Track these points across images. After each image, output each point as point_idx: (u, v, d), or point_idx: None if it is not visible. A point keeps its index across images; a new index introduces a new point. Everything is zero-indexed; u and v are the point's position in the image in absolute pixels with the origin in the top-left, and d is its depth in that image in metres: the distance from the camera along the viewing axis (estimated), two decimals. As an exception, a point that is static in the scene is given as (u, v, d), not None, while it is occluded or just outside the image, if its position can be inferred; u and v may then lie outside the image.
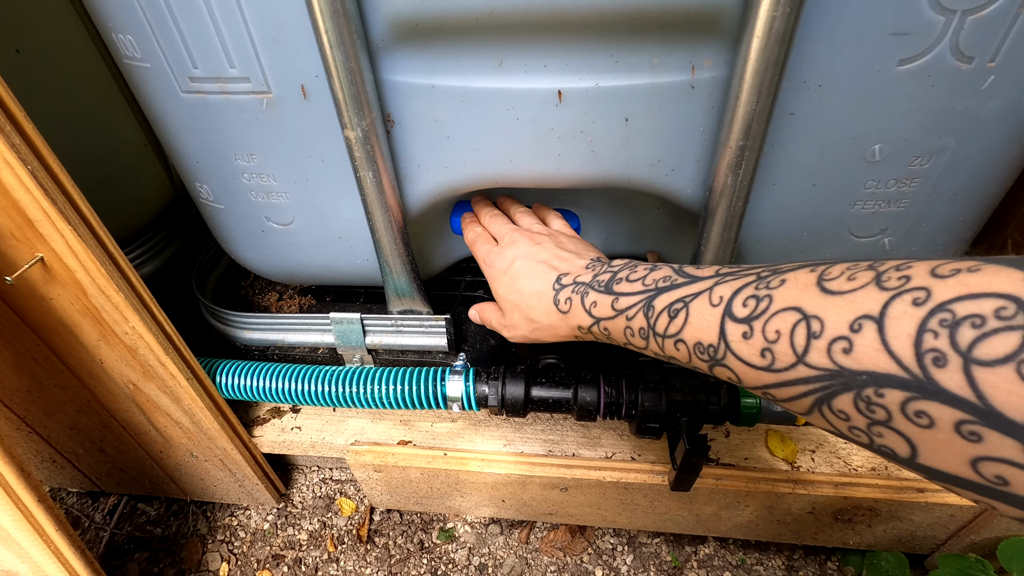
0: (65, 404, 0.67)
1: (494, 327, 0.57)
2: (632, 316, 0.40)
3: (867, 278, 0.27)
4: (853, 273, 0.28)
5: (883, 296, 0.25)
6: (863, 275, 0.27)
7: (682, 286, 0.37)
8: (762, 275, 0.33)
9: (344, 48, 0.44)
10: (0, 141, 0.41)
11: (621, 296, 0.41)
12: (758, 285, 0.32)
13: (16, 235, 0.48)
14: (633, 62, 0.46)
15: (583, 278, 0.46)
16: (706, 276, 0.36)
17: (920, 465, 0.25)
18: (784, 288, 0.30)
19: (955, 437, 0.23)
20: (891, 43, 0.42)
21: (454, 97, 0.49)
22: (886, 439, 0.26)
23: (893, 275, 0.26)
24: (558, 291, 0.47)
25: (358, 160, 0.51)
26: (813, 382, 0.28)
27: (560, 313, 0.47)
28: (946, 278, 0.24)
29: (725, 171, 0.48)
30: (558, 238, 0.54)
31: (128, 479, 0.81)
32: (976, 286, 0.22)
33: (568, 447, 0.68)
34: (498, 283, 0.53)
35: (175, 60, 0.50)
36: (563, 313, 0.46)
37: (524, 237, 0.54)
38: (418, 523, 0.81)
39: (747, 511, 0.67)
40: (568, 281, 0.47)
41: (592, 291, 0.44)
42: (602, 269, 0.46)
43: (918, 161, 0.49)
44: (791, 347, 0.28)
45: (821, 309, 0.27)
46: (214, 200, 0.63)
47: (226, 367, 0.67)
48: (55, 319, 0.55)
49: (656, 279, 0.40)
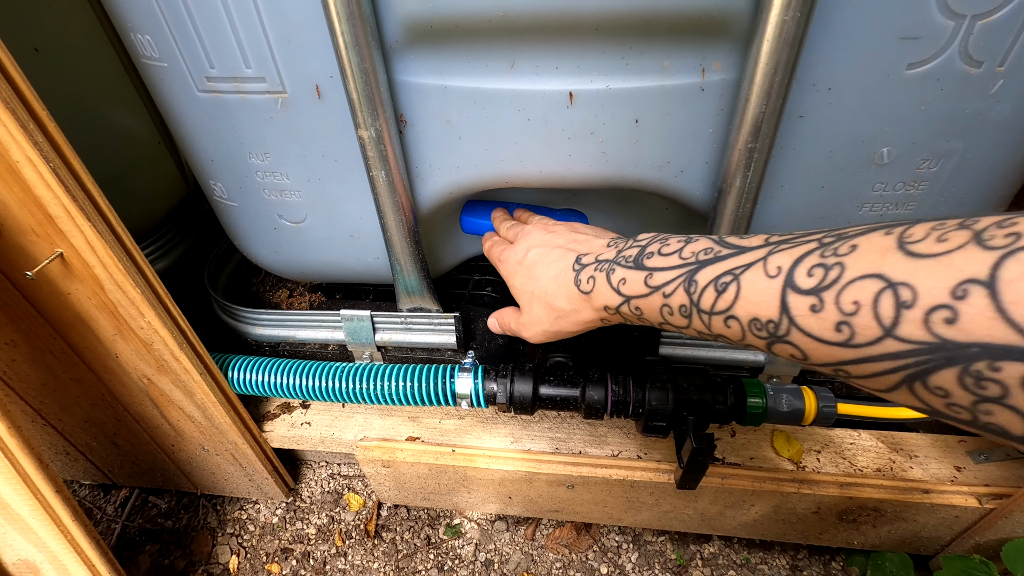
0: (80, 397, 0.68)
1: (513, 330, 0.55)
2: (671, 293, 0.37)
3: (963, 237, 0.23)
4: (943, 233, 0.24)
5: (990, 256, 0.22)
6: (956, 234, 0.24)
7: (728, 257, 0.34)
8: (825, 241, 0.29)
9: (359, 49, 0.45)
10: (24, 139, 0.42)
11: (655, 271, 0.38)
12: (823, 252, 0.29)
13: (36, 231, 0.49)
14: (644, 64, 0.46)
15: (605, 255, 0.43)
16: (755, 246, 0.33)
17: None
18: (858, 254, 0.27)
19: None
20: (900, 47, 0.42)
21: (466, 98, 0.50)
22: (996, 416, 0.23)
23: (996, 233, 0.22)
24: (578, 271, 0.44)
25: (371, 159, 0.52)
26: (905, 356, 0.24)
27: (582, 295, 0.44)
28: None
29: (734, 172, 0.48)
30: (573, 225, 0.52)
31: (140, 472, 0.82)
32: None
33: (575, 445, 0.69)
34: (514, 276, 0.51)
35: (192, 60, 0.51)
36: (585, 294, 0.43)
37: (537, 227, 0.53)
38: (425, 519, 0.82)
39: (752, 510, 0.67)
40: (589, 260, 0.44)
41: (619, 267, 0.41)
42: (627, 245, 0.43)
43: (926, 164, 0.49)
44: (875, 319, 0.25)
45: (910, 275, 0.24)
46: (228, 198, 0.64)
47: (238, 362, 0.68)
48: (72, 314, 0.56)
49: (695, 251, 0.37)
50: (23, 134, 0.42)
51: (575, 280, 0.44)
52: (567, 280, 0.45)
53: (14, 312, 0.57)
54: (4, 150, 0.43)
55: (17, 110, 0.41)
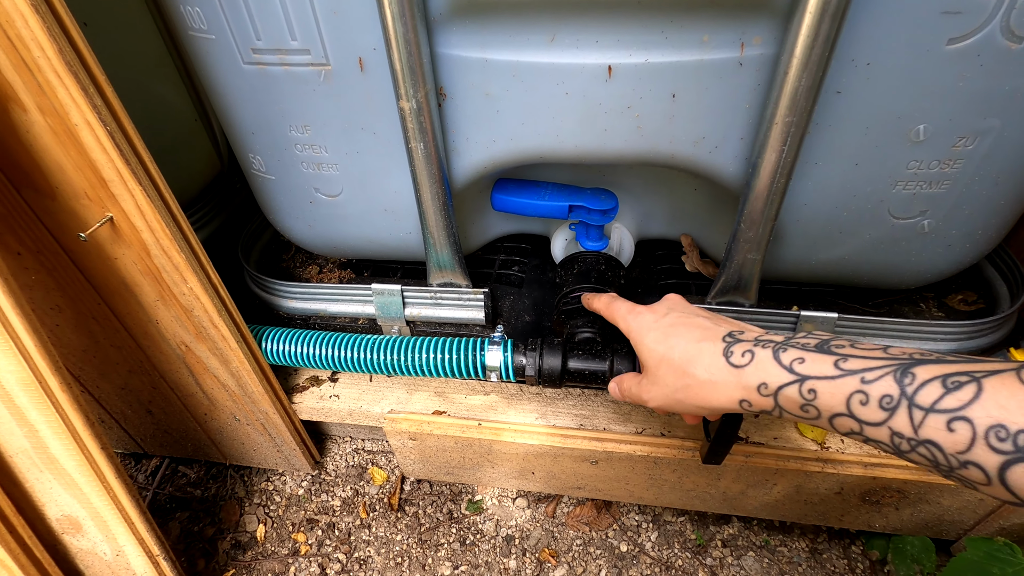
0: (119, 364, 0.70)
1: (634, 395, 0.51)
2: (872, 380, 0.33)
3: None
4: None
5: None
6: None
7: (957, 363, 0.31)
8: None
9: (404, 20, 0.46)
10: (84, 102, 0.44)
11: (850, 358, 0.35)
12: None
13: (89, 194, 0.51)
14: (683, 38, 0.47)
15: (771, 337, 0.41)
16: (994, 360, 0.31)
17: None
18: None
19: None
20: (942, 22, 0.43)
21: (506, 71, 0.51)
22: None
23: None
24: (730, 343, 0.41)
25: (410, 131, 0.53)
26: None
27: (731, 367, 0.40)
28: None
29: (770, 148, 0.49)
30: (716, 314, 0.49)
31: (171, 441, 0.84)
32: None
33: (599, 421, 0.70)
34: (646, 334, 0.47)
35: (240, 32, 0.52)
36: (736, 367, 0.40)
37: (682, 300, 0.51)
38: (447, 494, 0.84)
39: (775, 490, 0.68)
40: (746, 337, 0.42)
41: (793, 348, 0.38)
42: (800, 335, 0.40)
43: (962, 142, 0.49)
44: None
45: None
46: (266, 171, 0.66)
47: (272, 333, 0.70)
48: (118, 279, 0.58)
49: (907, 352, 0.34)
50: (84, 97, 0.43)
51: (725, 351, 0.41)
52: (713, 349, 0.42)
53: (62, 277, 0.59)
54: (65, 113, 0.44)
55: (79, 74, 0.43)
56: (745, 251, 0.58)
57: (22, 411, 0.50)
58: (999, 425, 0.27)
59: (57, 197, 0.51)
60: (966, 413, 0.28)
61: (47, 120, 0.45)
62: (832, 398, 0.34)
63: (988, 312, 0.69)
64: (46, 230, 0.54)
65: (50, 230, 0.54)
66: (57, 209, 0.52)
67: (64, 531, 0.61)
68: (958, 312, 0.70)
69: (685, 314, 0.47)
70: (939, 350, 0.64)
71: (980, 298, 0.71)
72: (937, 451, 0.29)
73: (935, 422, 0.29)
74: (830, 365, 0.35)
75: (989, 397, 0.28)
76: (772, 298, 0.71)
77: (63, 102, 0.44)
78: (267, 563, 0.77)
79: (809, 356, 0.37)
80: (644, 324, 0.48)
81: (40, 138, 0.47)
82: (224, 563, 0.77)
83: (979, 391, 0.28)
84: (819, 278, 0.67)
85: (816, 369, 0.36)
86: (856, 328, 0.64)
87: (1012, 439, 0.26)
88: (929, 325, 0.63)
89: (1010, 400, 0.27)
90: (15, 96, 0.44)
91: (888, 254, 0.60)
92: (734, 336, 0.42)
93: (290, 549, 0.79)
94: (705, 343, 0.42)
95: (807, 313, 0.62)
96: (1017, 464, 0.26)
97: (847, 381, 0.34)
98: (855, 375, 0.34)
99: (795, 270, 0.65)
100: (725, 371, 0.40)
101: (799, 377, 0.36)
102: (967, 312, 0.70)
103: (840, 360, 0.35)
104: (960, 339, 0.64)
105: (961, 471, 0.29)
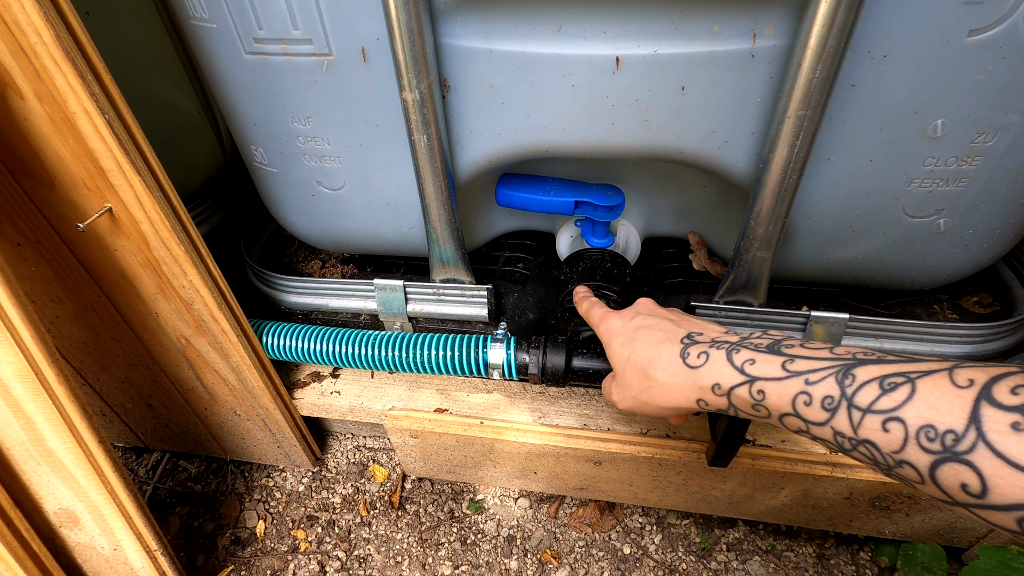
0: (119, 357, 0.70)
1: (606, 394, 0.52)
2: (816, 381, 0.33)
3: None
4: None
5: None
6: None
7: (896, 363, 0.31)
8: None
9: (408, 9, 0.45)
10: (81, 90, 0.43)
11: (797, 358, 0.36)
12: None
13: (88, 184, 0.50)
14: (693, 29, 0.46)
15: (725, 338, 0.42)
16: (930, 359, 0.31)
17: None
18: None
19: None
20: (963, 12, 0.41)
21: (511, 62, 0.50)
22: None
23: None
24: (687, 345, 0.42)
25: (414, 123, 0.52)
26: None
27: (687, 369, 0.41)
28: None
29: (782, 142, 0.48)
30: (681, 312, 0.50)
31: (172, 436, 0.83)
32: None
33: (603, 422, 0.69)
34: (613, 339, 0.49)
35: (241, 21, 0.52)
36: (691, 368, 0.41)
37: (648, 301, 0.51)
38: (448, 492, 0.83)
39: (782, 494, 0.66)
40: (703, 339, 0.42)
41: (746, 349, 0.39)
42: (755, 335, 0.41)
43: (981, 138, 0.48)
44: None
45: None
46: (267, 164, 0.65)
47: (273, 328, 0.69)
48: (117, 271, 0.58)
49: (851, 352, 0.34)
50: (82, 85, 0.43)
51: (681, 352, 0.42)
52: (671, 352, 0.43)
53: (61, 268, 0.58)
54: (62, 100, 0.44)
55: (77, 60, 0.42)
56: (755, 249, 0.57)
57: (19, 403, 0.50)
58: (928, 425, 0.28)
59: (56, 187, 0.50)
60: (899, 414, 0.29)
61: (45, 108, 0.45)
62: (779, 399, 0.35)
63: (1004, 315, 0.67)
64: (45, 220, 0.54)
65: (49, 220, 0.54)
66: (56, 199, 0.52)
67: (62, 524, 0.60)
68: (973, 314, 0.68)
69: (650, 317, 0.48)
70: (953, 354, 0.63)
71: (996, 300, 0.69)
72: (875, 450, 0.30)
73: (871, 423, 0.30)
74: (778, 366, 0.36)
75: (921, 398, 0.28)
76: (782, 298, 0.70)
77: (61, 89, 0.43)
78: (266, 560, 0.77)
79: (760, 357, 0.37)
80: (612, 329, 0.49)
81: (38, 126, 0.46)
82: (223, 559, 0.77)
83: (912, 392, 0.29)
84: (830, 278, 0.65)
85: (765, 370, 0.36)
86: (868, 330, 0.62)
87: (940, 439, 0.27)
88: (943, 327, 0.62)
89: (940, 400, 0.28)
90: (12, 83, 0.43)
91: (902, 254, 0.58)
92: (692, 338, 0.43)
93: (290, 546, 0.78)
94: (664, 345, 0.43)
95: (817, 314, 0.61)
96: (945, 463, 0.27)
97: (792, 382, 0.35)
98: (800, 376, 0.34)
99: (806, 269, 0.64)
100: (682, 372, 0.41)
101: (749, 378, 0.37)
102: (982, 314, 0.68)
103: (787, 361, 0.36)
104: (975, 342, 0.63)
105: (897, 470, 0.30)
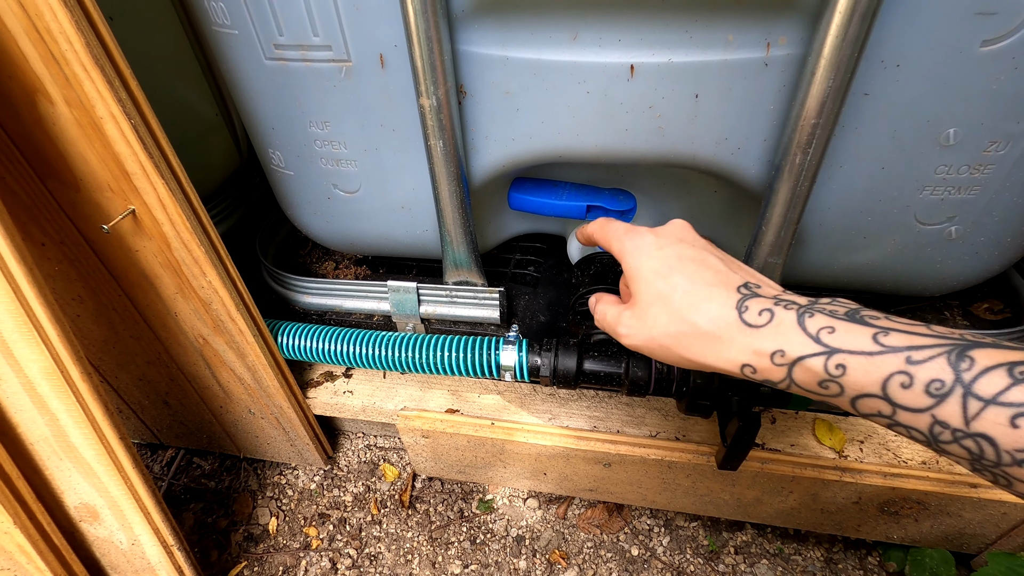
0: (137, 356, 0.71)
1: (609, 324, 0.44)
2: (921, 360, 0.29)
3: None
4: None
5: None
6: None
7: (1019, 351, 0.27)
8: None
9: (427, 16, 0.46)
10: (109, 95, 0.44)
11: (892, 332, 0.31)
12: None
13: (112, 187, 0.51)
14: (708, 38, 0.46)
15: (794, 297, 0.36)
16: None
17: None
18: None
19: None
20: (976, 23, 0.42)
21: (527, 69, 0.50)
22: None
23: None
24: (746, 296, 0.36)
25: (430, 128, 0.53)
26: None
27: (742, 325, 0.35)
28: None
29: (795, 150, 0.48)
30: (728, 257, 0.42)
31: (187, 433, 0.85)
32: None
33: (613, 424, 0.69)
34: (645, 260, 0.40)
35: (262, 27, 0.53)
36: (748, 327, 0.35)
37: (691, 229, 0.43)
38: (458, 492, 0.84)
39: (791, 498, 0.67)
40: (767, 292, 0.36)
41: (821, 315, 0.33)
42: (826, 300, 0.35)
43: (994, 147, 0.48)
44: None
45: None
46: (284, 166, 0.66)
47: (288, 328, 0.70)
48: (138, 271, 0.59)
49: (955, 332, 0.30)
50: (109, 91, 0.44)
51: (738, 304, 0.35)
52: (724, 299, 0.36)
53: (84, 268, 0.60)
54: (90, 106, 0.45)
55: (105, 67, 0.43)
56: (766, 255, 0.57)
57: (44, 400, 0.51)
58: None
59: (81, 189, 0.52)
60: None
61: (73, 113, 0.46)
62: (865, 376, 0.30)
63: (1015, 322, 0.67)
64: (69, 221, 0.55)
65: (73, 221, 0.55)
66: (81, 201, 0.53)
67: (82, 519, 0.61)
68: (983, 321, 0.68)
69: (695, 248, 0.40)
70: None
71: (1006, 307, 0.69)
72: (988, 445, 0.27)
73: (995, 416, 0.26)
74: (867, 339, 0.31)
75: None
76: (791, 303, 0.70)
77: (89, 95, 0.44)
78: (279, 556, 0.78)
79: (841, 326, 0.32)
80: (643, 248, 0.41)
81: (66, 130, 0.47)
82: (236, 555, 0.78)
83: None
84: (841, 284, 0.65)
85: (849, 342, 0.31)
86: (878, 335, 0.62)
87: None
88: (954, 334, 0.62)
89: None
90: (43, 88, 0.45)
91: (913, 260, 0.58)
92: (751, 288, 0.37)
93: (301, 543, 0.79)
94: (716, 289, 0.37)
95: (828, 319, 0.61)
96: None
97: (887, 359, 0.30)
98: (898, 353, 0.29)
99: (816, 275, 0.64)
100: (735, 328, 0.35)
101: (827, 349, 0.32)
102: (993, 321, 0.68)
103: (879, 334, 0.31)
104: (986, 349, 0.63)
105: (1010, 468, 0.27)
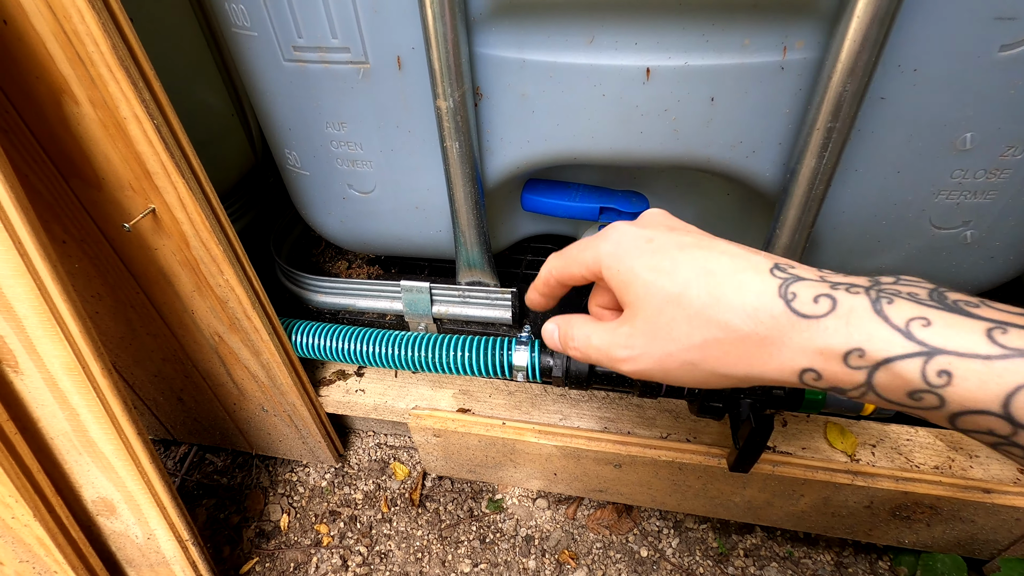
0: (153, 352, 0.72)
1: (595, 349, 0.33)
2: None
3: None
4: None
5: None
6: None
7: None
8: None
9: (445, 19, 0.47)
10: (133, 96, 0.45)
11: (1011, 328, 0.22)
12: None
13: (133, 186, 0.52)
14: (724, 41, 0.46)
15: (847, 279, 0.27)
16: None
17: None
18: None
19: None
20: (994, 28, 0.42)
21: (543, 72, 0.51)
22: None
23: None
24: (787, 281, 0.27)
25: (447, 130, 0.53)
26: None
27: (796, 317, 0.26)
28: None
29: (810, 153, 0.48)
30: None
31: (200, 430, 0.86)
32: None
33: (623, 425, 0.70)
34: (633, 258, 0.31)
35: (281, 29, 0.53)
36: (803, 318, 0.26)
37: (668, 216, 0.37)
38: (468, 492, 0.84)
39: (802, 501, 0.67)
40: (809, 275, 0.27)
41: (903, 300, 0.24)
42: (885, 277, 0.27)
43: (1010, 151, 0.48)
44: None
45: None
46: (300, 167, 0.67)
47: (301, 326, 0.71)
48: (156, 269, 0.60)
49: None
50: (133, 92, 0.45)
51: (780, 290, 0.27)
52: (760, 286, 0.27)
53: (104, 265, 0.60)
54: (114, 106, 0.46)
55: (130, 68, 0.44)
56: (779, 258, 0.57)
57: (65, 395, 0.52)
58: None
59: (103, 188, 0.52)
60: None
61: (97, 113, 0.47)
62: (981, 388, 0.22)
63: (1030, 327, 0.67)
64: (91, 219, 0.56)
65: (94, 219, 0.56)
66: (102, 199, 0.54)
67: (99, 513, 0.62)
68: (998, 326, 0.68)
69: (692, 234, 0.32)
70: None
71: (1021, 312, 0.69)
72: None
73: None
74: (980, 336, 0.22)
75: None
76: (803, 306, 0.70)
77: (113, 96, 0.45)
78: (290, 553, 0.79)
79: (937, 317, 0.23)
80: (626, 244, 0.32)
81: (90, 130, 0.48)
82: (248, 551, 0.79)
83: None
84: (853, 287, 0.65)
85: (955, 340, 0.23)
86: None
87: None
88: (968, 338, 0.61)
89: None
90: (68, 89, 0.45)
91: (927, 265, 0.58)
92: (784, 269, 0.28)
93: (312, 540, 0.80)
94: (745, 275, 0.27)
95: (841, 322, 0.61)
96: None
97: (1014, 367, 0.21)
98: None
99: (829, 278, 0.64)
100: (786, 321, 0.26)
101: (926, 349, 0.23)
102: (1007, 326, 0.68)
103: (995, 329, 0.22)
104: (1000, 354, 0.62)
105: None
